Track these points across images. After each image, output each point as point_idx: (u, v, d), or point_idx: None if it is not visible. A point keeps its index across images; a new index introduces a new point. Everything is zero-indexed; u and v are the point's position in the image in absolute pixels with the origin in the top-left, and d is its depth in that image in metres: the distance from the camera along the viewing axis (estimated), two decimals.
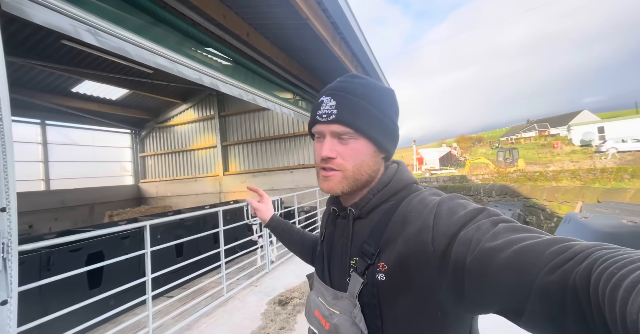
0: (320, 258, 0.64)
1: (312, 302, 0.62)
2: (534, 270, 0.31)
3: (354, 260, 0.53)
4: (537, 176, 10.30)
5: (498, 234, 0.37)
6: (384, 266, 0.47)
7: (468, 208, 0.44)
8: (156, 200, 8.98)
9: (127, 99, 8.05)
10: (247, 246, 4.00)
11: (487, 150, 30.44)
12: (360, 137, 0.52)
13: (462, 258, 0.38)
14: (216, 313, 2.80)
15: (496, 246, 0.35)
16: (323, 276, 0.60)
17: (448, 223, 0.42)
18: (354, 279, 0.51)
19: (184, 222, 3.87)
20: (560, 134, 30.52)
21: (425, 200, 0.49)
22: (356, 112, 0.52)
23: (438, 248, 0.41)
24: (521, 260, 0.32)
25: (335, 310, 0.54)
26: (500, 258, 0.34)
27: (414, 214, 0.48)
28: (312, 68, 4.73)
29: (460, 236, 0.40)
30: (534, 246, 0.33)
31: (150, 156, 9.41)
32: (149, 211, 7.38)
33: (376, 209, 0.54)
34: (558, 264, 0.30)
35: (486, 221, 0.40)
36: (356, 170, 0.53)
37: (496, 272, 0.34)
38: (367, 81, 0.55)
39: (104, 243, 2.96)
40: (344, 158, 0.53)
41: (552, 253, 0.31)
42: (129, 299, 2.31)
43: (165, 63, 2.08)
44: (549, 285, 0.29)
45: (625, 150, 17.55)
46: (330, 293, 0.56)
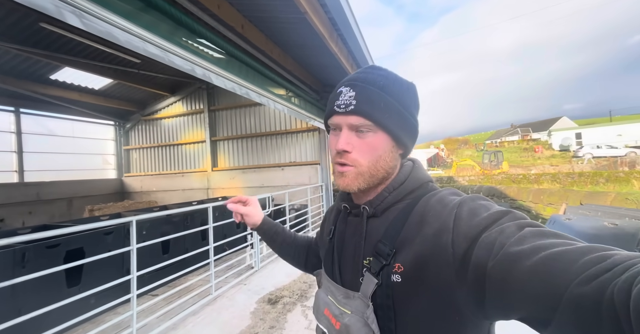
0: (329, 256, 0.61)
1: (321, 300, 0.60)
2: (564, 280, 0.29)
3: (367, 259, 0.51)
4: (520, 178, 10.70)
5: (524, 238, 0.35)
6: (400, 268, 0.46)
7: (491, 210, 0.42)
8: (140, 195, 8.67)
9: (111, 89, 7.69)
10: (237, 244, 3.93)
11: (473, 152, 31.35)
12: (379, 130, 0.50)
13: (484, 263, 0.36)
14: (204, 312, 2.73)
15: (522, 251, 0.33)
16: (333, 275, 0.58)
17: (469, 225, 0.41)
18: (368, 279, 0.49)
19: (171, 218, 3.75)
20: (542, 139, 31.83)
21: (445, 200, 0.47)
22: (376, 104, 0.49)
23: (458, 251, 0.40)
24: (550, 268, 0.30)
25: (346, 310, 0.52)
26: (525, 265, 0.32)
27: (432, 214, 0.46)
28: (307, 65, 4.67)
29: (482, 239, 0.38)
30: (566, 254, 0.31)
31: (135, 149, 9.07)
32: (133, 206, 7.11)
33: (391, 208, 0.53)
34: (594, 274, 0.28)
35: (511, 225, 0.38)
36: (372, 165, 0.51)
37: (521, 279, 0.32)
38: (389, 73, 0.53)
39: (85, 239, 2.81)
40: (360, 152, 0.50)
41: (587, 263, 0.29)
42: (111, 298, 2.21)
43: (156, 52, 1.98)
44: (582, 297, 0.27)
45: (600, 155, 18.53)
46: (341, 292, 0.54)
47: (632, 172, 9.56)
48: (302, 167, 6.70)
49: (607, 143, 20.78)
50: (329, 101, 0.55)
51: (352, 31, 3.15)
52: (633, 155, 16.93)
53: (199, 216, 4.15)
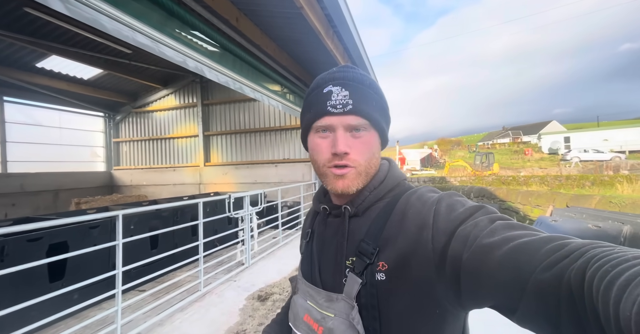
0: (307, 260, 0.60)
1: (299, 307, 0.57)
2: (529, 267, 0.31)
3: (350, 259, 0.50)
4: (510, 180, 10.92)
5: (495, 231, 0.37)
6: (384, 266, 0.46)
7: (466, 206, 0.44)
8: (130, 188, 8.50)
9: (101, 80, 7.48)
10: (227, 240, 3.90)
11: (465, 154, 31.80)
12: (372, 129, 0.51)
13: (459, 254, 0.38)
14: (191, 308, 2.70)
15: (493, 242, 0.36)
16: (312, 278, 0.57)
17: (447, 220, 0.43)
18: (351, 279, 0.48)
19: (161, 213, 3.68)
20: (532, 142, 32.50)
21: (424, 197, 0.48)
22: (371, 103, 0.50)
23: (437, 245, 0.41)
24: (517, 256, 0.33)
25: (329, 313, 0.51)
26: (496, 255, 0.34)
27: (413, 211, 0.47)
28: (302, 61, 4.63)
29: (458, 232, 0.40)
30: (530, 244, 0.33)
31: (125, 142, 8.87)
32: (122, 200, 6.98)
33: (372, 206, 0.53)
34: (553, 262, 0.30)
35: (484, 218, 0.40)
36: (368, 164, 0.51)
37: (492, 268, 0.34)
38: (365, 73, 0.54)
39: (69, 233, 2.74)
40: (358, 152, 0.50)
41: (548, 251, 0.31)
42: (95, 293, 2.16)
43: (147, 42, 1.92)
44: (544, 282, 0.30)
45: (586, 159, 19.04)
46: (322, 295, 0.53)
47: (616, 176, 9.86)
48: (296, 164, 6.68)
49: (594, 147, 21.38)
50: (313, 101, 0.52)
51: (348, 28, 3.12)
52: (618, 160, 17.46)
53: (190, 212, 4.09)
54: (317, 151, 0.52)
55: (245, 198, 3.78)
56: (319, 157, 0.51)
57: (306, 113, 0.54)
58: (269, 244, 4.47)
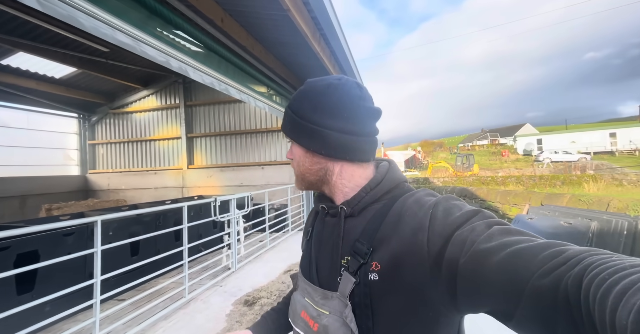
0: (307, 257, 0.62)
1: (297, 303, 0.59)
2: (526, 273, 0.31)
3: (345, 259, 0.51)
4: (489, 180, 11.41)
5: (492, 236, 0.37)
6: (377, 266, 0.47)
7: (463, 210, 0.44)
8: (107, 193, 8.08)
9: (75, 79, 7.09)
10: (212, 245, 3.80)
11: (447, 155, 32.87)
12: (294, 142, 0.59)
13: (456, 259, 0.38)
14: (176, 316, 2.61)
15: (490, 248, 0.35)
16: (310, 276, 0.58)
17: (444, 224, 0.43)
18: (346, 278, 0.49)
19: (142, 218, 3.53)
20: (508, 143, 34.15)
21: (421, 201, 0.49)
22: (286, 122, 0.59)
23: (433, 248, 0.41)
24: (514, 262, 0.33)
25: (324, 310, 0.52)
26: (493, 260, 0.34)
27: (409, 214, 0.47)
28: (288, 64, 4.63)
29: (455, 236, 0.40)
30: (528, 250, 0.33)
31: (101, 144, 8.44)
32: (99, 205, 6.61)
33: (368, 207, 0.54)
34: (551, 268, 0.30)
35: (481, 223, 0.40)
36: (297, 169, 0.60)
37: (489, 274, 0.34)
38: (304, 88, 0.57)
39: (40, 241, 2.57)
40: (292, 160, 0.61)
41: (546, 257, 0.31)
42: (69, 305, 2.04)
43: (127, 41, 1.85)
44: (541, 289, 0.30)
45: (557, 160, 20.26)
46: (318, 293, 0.54)
47: (583, 176, 10.57)
48: (283, 167, 6.63)
49: (563, 149, 22.81)
50: None
51: (335, 31, 3.16)
52: (584, 161, 18.70)
53: (172, 216, 3.96)
54: None
55: (232, 201, 3.71)
56: None
57: None
58: (255, 248, 4.41)
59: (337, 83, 0.55)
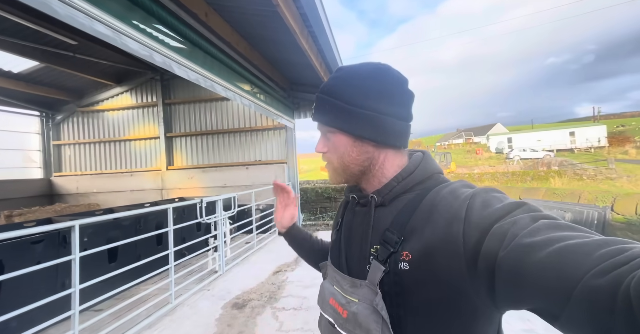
0: (336, 246, 0.62)
1: (326, 290, 0.60)
2: (578, 272, 0.29)
3: (374, 247, 0.51)
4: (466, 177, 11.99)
5: (538, 230, 0.34)
6: (407, 255, 0.46)
7: (505, 202, 0.42)
8: (76, 197, 7.50)
9: (37, 74, 6.50)
10: (197, 248, 3.65)
11: None
12: (336, 131, 0.55)
13: (494, 253, 0.36)
14: (161, 324, 2.48)
15: (535, 243, 0.33)
16: (339, 264, 0.59)
17: (481, 215, 0.41)
18: (375, 266, 0.49)
19: (120, 222, 3.32)
20: (481, 142, 36.07)
21: (457, 192, 0.47)
22: (324, 109, 0.55)
23: (469, 241, 0.40)
24: (564, 260, 0.30)
25: (353, 298, 0.52)
26: (538, 256, 0.32)
27: (443, 204, 0.46)
28: (275, 61, 4.56)
29: (494, 229, 0.38)
30: (581, 247, 0.30)
31: (68, 145, 7.82)
32: (68, 210, 6.13)
33: (400, 197, 0.53)
34: (609, 267, 0.27)
35: (525, 216, 0.37)
36: (340, 161, 0.56)
37: (533, 270, 0.32)
38: (343, 73, 0.55)
39: (4, 250, 2.33)
40: (330, 153, 0.58)
41: (603, 255, 0.28)
42: (40, 318, 1.86)
43: (107, 32, 1.73)
44: (596, 289, 0.27)
45: (525, 157, 21.72)
46: (347, 281, 0.55)
47: (549, 171, 11.42)
48: (269, 166, 6.53)
49: (530, 147, 24.51)
50: None
51: (324, 29, 3.16)
52: (548, 158, 20.21)
53: (154, 219, 3.75)
54: None
55: (218, 202, 3.60)
56: None
57: None
58: (242, 249, 4.30)
59: (384, 68, 0.54)
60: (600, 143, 24.04)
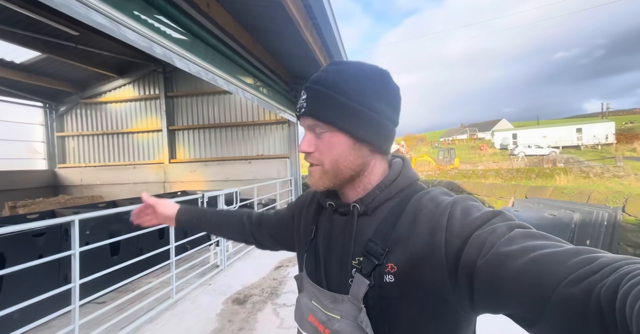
0: (312, 258, 0.57)
1: (304, 306, 0.56)
2: (553, 281, 0.30)
3: (356, 259, 0.49)
4: (470, 174, 11.88)
5: (514, 239, 0.36)
6: (393, 268, 0.44)
7: (483, 210, 0.43)
8: (80, 189, 7.56)
9: (39, 64, 6.46)
10: (199, 242, 3.66)
11: (429, 149, 33.81)
12: (334, 130, 0.49)
13: (473, 260, 0.37)
14: (163, 318, 2.50)
15: (511, 251, 0.34)
16: (317, 278, 0.55)
17: (462, 224, 0.41)
18: (358, 280, 0.47)
19: (122, 215, 3.32)
20: (486, 138, 35.66)
21: (437, 199, 0.47)
22: (323, 103, 0.49)
23: (450, 249, 0.40)
24: (539, 268, 0.31)
25: (334, 315, 0.49)
26: (514, 265, 0.33)
27: (425, 212, 0.45)
28: (278, 54, 4.47)
29: (473, 238, 0.39)
30: (554, 256, 0.32)
31: (72, 136, 7.84)
32: (71, 202, 6.18)
33: (382, 206, 0.51)
34: (582, 276, 0.29)
35: (502, 225, 0.39)
36: (334, 164, 0.50)
37: (510, 278, 0.33)
38: (345, 67, 0.51)
39: (6, 243, 2.34)
40: (321, 152, 0.51)
41: (575, 264, 0.30)
42: (42, 311, 1.87)
43: (105, 23, 1.67)
44: (569, 297, 0.28)
45: (530, 154, 21.47)
46: (327, 296, 0.51)
47: (554, 169, 11.26)
48: (271, 161, 6.50)
49: (536, 143, 24.18)
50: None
51: (328, 21, 3.06)
52: (554, 154, 19.95)
53: None
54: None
55: (220, 197, 3.58)
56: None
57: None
58: (244, 244, 4.31)
59: (387, 71, 0.52)
60: (607, 140, 23.62)
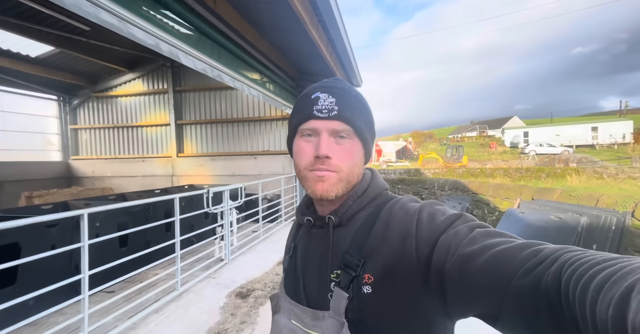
0: (291, 275, 0.57)
1: (283, 327, 0.55)
2: (508, 274, 0.32)
3: (334, 273, 0.49)
4: (478, 172, 11.69)
5: (475, 239, 0.38)
6: (369, 278, 0.45)
7: (446, 214, 0.45)
8: (92, 180, 7.79)
9: (53, 58, 6.61)
10: (204, 236, 3.75)
11: (437, 146, 33.31)
12: (355, 137, 0.51)
13: (442, 264, 0.39)
14: (168, 309, 2.58)
15: (473, 251, 0.36)
16: (297, 295, 0.54)
17: (429, 229, 0.43)
18: (337, 294, 0.47)
19: (131, 208, 3.42)
20: (496, 136, 34.86)
21: (406, 207, 0.49)
22: (356, 111, 0.51)
23: (421, 255, 0.42)
24: (496, 264, 0.33)
25: (315, 332, 0.49)
26: (476, 263, 0.35)
27: (396, 221, 0.47)
28: (284, 50, 4.44)
29: (440, 242, 0.41)
30: (507, 251, 0.34)
31: (84, 129, 8.04)
32: (83, 193, 6.38)
33: (355, 216, 0.52)
34: (529, 268, 0.31)
35: (464, 227, 0.41)
36: (350, 171, 0.51)
37: (473, 277, 0.35)
38: (353, 91, 0.55)
39: (22, 232, 2.45)
40: (340, 158, 0.50)
41: (524, 258, 0.32)
42: (55, 298, 1.97)
43: (112, 21, 1.69)
44: (521, 289, 0.30)
45: (541, 152, 20.90)
46: (308, 313, 0.51)
47: (566, 169, 10.95)
48: (277, 156, 6.53)
49: (548, 142, 23.49)
50: (300, 106, 0.53)
51: (334, 18, 3.02)
52: (567, 154, 19.37)
53: (163, 206, 3.86)
54: (300, 154, 0.52)
55: (225, 193, 3.64)
56: (301, 161, 0.51)
57: (293, 118, 0.54)
58: (248, 239, 4.38)
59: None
60: (625, 139, 22.75)
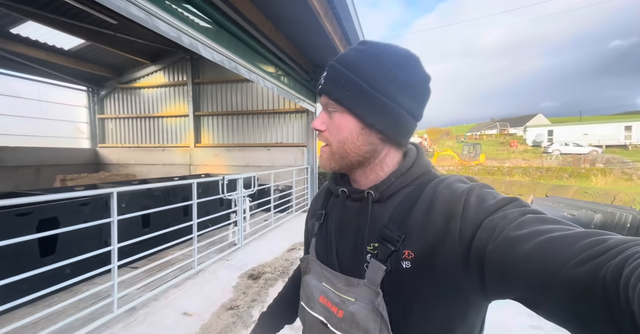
0: (322, 241, 0.58)
1: (314, 288, 0.56)
2: (559, 262, 0.30)
3: (371, 245, 0.49)
4: (495, 170, 11.35)
5: (524, 224, 0.36)
6: (410, 254, 0.45)
7: (498, 198, 0.43)
8: (117, 167, 8.30)
9: (84, 51, 7.02)
10: (219, 221, 3.96)
11: (453, 143, 32.33)
12: (344, 111, 0.49)
13: (484, 245, 0.37)
14: (185, 285, 2.80)
15: (520, 235, 0.34)
16: (329, 261, 0.55)
17: (477, 212, 0.41)
18: (374, 266, 0.47)
19: (152, 192, 3.67)
20: (517, 134, 33.31)
21: (452, 187, 0.46)
22: (338, 82, 0.48)
23: (464, 237, 0.41)
24: (546, 251, 0.31)
25: (348, 297, 0.50)
26: (523, 248, 0.33)
27: (440, 200, 0.45)
28: (299, 44, 4.50)
29: (485, 223, 0.39)
30: (563, 239, 0.31)
31: (110, 119, 8.52)
32: (110, 178, 6.83)
33: (397, 193, 0.51)
34: (588, 257, 0.28)
35: (514, 211, 0.39)
36: (340, 146, 0.51)
37: (518, 262, 0.33)
38: (370, 48, 0.49)
39: (59, 209, 2.73)
40: (330, 132, 0.51)
41: (583, 246, 0.30)
42: (87, 269, 2.20)
43: (140, 15, 1.83)
44: (575, 278, 0.28)
45: (566, 152, 19.81)
46: (340, 279, 0.52)
47: (592, 169, 10.40)
48: (289, 149, 6.67)
49: (575, 141, 22.20)
50: None
51: (349, 11, 3.04)
52: (595, 154, 18.27)
53: (181, 192, 4.09)
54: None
55: (239, 180, 3.81)
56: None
57: None
58: (260, 226, 4.57)
59: (416, 58, 0.50)
60: None
